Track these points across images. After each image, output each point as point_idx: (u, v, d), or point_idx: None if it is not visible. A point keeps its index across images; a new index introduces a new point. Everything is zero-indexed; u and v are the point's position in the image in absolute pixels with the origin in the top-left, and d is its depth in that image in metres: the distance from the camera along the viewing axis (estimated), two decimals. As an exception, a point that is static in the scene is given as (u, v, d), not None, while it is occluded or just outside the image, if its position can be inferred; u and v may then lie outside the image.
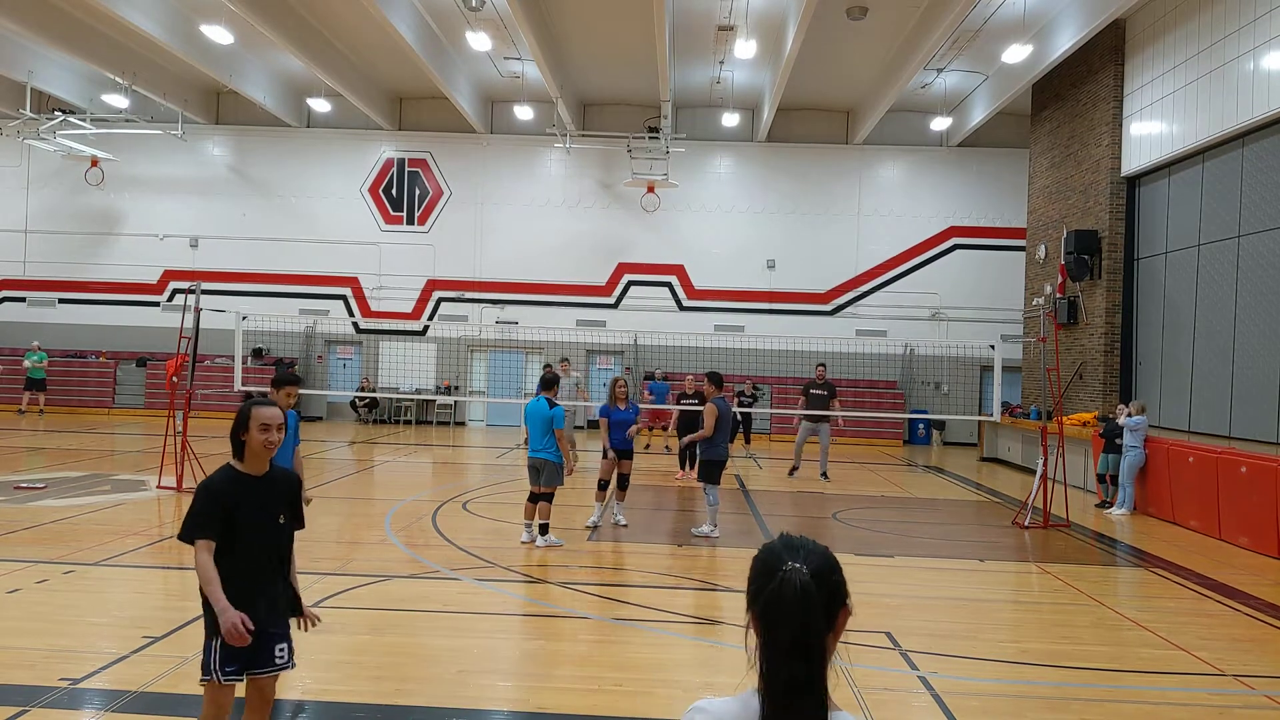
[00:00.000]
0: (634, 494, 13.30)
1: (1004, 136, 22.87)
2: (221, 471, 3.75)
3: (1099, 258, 16.41)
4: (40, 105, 22.03)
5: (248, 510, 3.66)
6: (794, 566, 1.70)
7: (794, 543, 1.78)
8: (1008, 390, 20.69)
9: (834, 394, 15.49)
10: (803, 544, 1.77)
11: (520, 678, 5.65)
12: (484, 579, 7.91)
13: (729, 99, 22.42)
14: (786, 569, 1.70)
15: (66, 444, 16.81)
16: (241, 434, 3.71)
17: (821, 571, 1.72)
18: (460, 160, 24.20)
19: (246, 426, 3.70)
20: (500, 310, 23.98)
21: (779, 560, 1.73)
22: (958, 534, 11.12)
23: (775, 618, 1.68)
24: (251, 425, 3.69)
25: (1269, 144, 12.72)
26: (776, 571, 1.71)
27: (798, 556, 1.72)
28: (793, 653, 1.66)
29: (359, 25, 18.36)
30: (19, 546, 8.35)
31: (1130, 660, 6.31)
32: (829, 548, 1.78)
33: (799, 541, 1.78)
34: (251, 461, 3.73)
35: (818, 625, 1.68)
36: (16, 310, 24.57)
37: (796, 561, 1.71)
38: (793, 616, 1.67)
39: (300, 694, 5.21)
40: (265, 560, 3.74)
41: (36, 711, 4.72)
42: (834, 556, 1.77)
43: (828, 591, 1.71)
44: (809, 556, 1.73)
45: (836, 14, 16.92)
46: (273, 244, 24.21)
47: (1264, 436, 12.46)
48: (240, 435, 3.71)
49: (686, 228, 23.96)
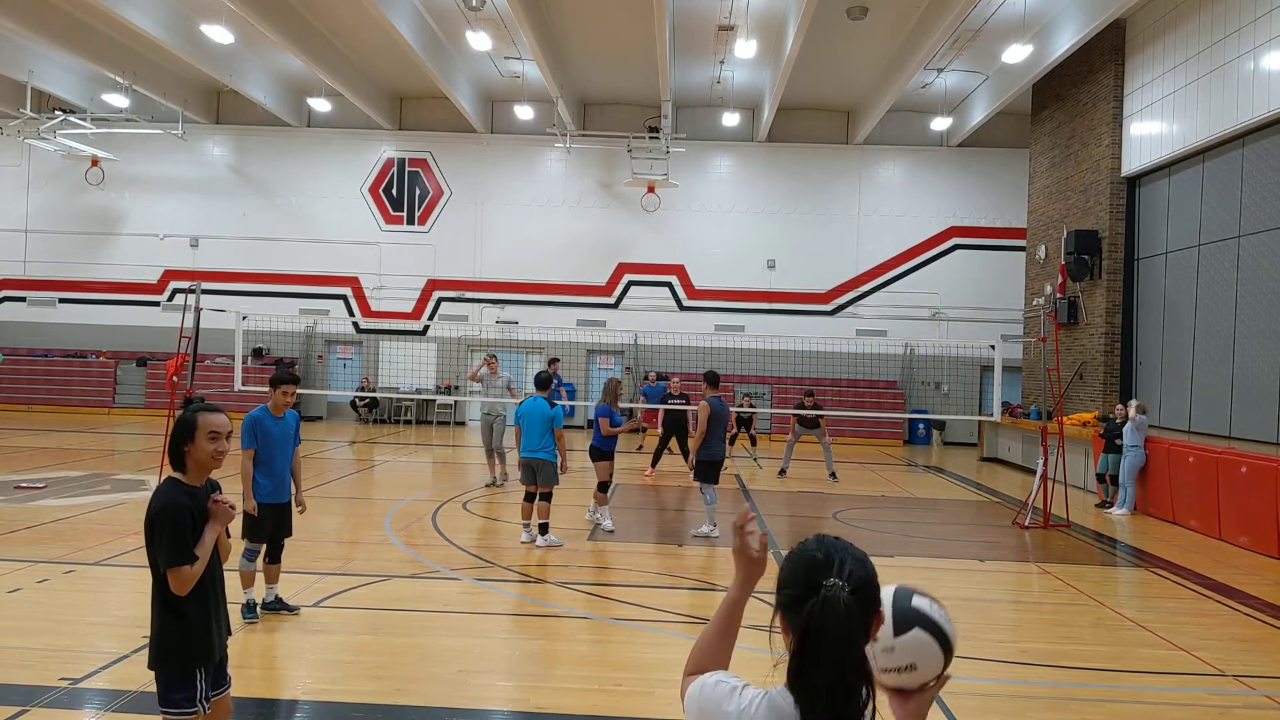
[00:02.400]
0: (634, 494, 13.31)
1: (1004, 136, 22.86)
2: (170, 487, 3.40)
3: (1099, 258, 16.41)
4: (40, 105, 22.04)
5: (199, 527, 3.39)
6: (837, 584, 1.69)
7: (833, 552, 1.75)
8: (1008, 390, 20.69)
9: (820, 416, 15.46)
10: (842, 553, 1.75)
11: (520, 678, 5.65)
12: (484, 579, 7.91)
13: (729, 99, 22.42)
14: (829, 586, 1.68)
15: (66, 444, 16.81)
16: (186, 444, 3.39)
17: (861, 588, 1.71)
18: (460, 160, 24.20)
19: (193, 436, 3.38)
20: (500, 310, 23.98)
21: (820, 573, 1.71)
22: (958, 534, 11.12)
23: (817, 635, 1.66)
24: (199, 434, 3.38)
25: (1269, 144, 12.72)
26: (818, 586, 1.69)
27: (841, 571, 1.71)
28: (835, 666, 1.66)
29: (359, 25, 18.36)
30: (19, 546, 8.35)
31: (1130, 660, 6.31)
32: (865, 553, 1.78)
33: (838, 550, 1.76)
34: (196, 473, 3.43)
35: (859, 641, 1.68)
36: (16, 310, 24.58)
37: (839, 578, 1.70)
38: (837, 638, 1.66)
39: (300, 694, 5.21)
40: (219, 574, 3.53)
41: (36, 711, 4.73)
42: (871, 564, 1.76)
43: (869, 606, 1.73)
44: (852, 570, 1.72)
45: (836, 14, 16.91)
46: (273, 244, 24.21)
47: (1264, 436, 12.46)
48: (184, 445, 3.39)
49: (686, 228, 23.96)
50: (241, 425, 6.23)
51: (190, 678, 3.39)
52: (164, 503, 3.35)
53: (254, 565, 6.41)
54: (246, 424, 6.39)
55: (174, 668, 3.38)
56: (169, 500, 3.35)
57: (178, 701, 3.36)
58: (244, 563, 6.36)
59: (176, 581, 3.32)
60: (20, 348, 24.12)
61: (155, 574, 3.39)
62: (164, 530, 3.31)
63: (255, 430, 6.39)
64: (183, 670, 3.39)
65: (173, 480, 3.43)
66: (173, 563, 3.32)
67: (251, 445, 6.37)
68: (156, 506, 3.35)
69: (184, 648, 3.38)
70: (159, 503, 3.35)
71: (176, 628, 3.38)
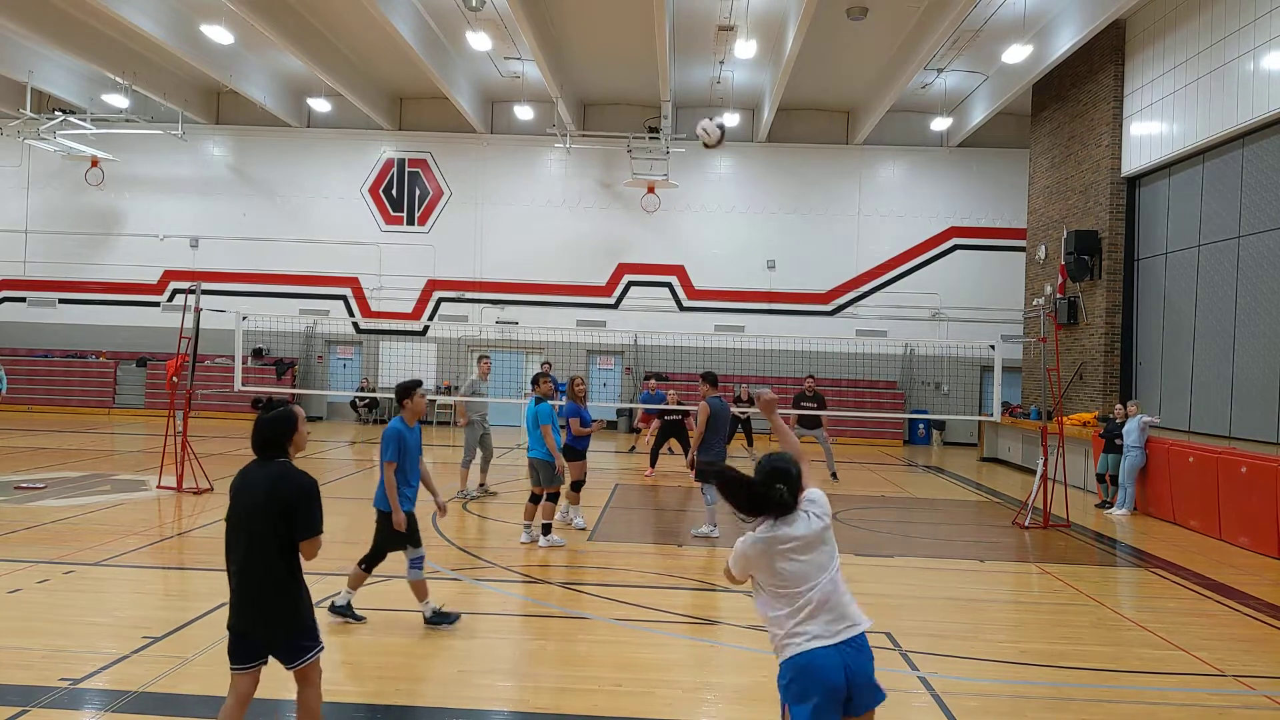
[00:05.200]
0: (633, 494, 13.31)
1: (1004, 136, 22.87)
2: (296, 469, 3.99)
3: (1099, 258, 16.41)
4: (40, 105, 22.04)
5: None
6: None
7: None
8: (1008, 390, 20.70)
9: (823, 404, 15.47)
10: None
11: (520, 678, 5.65)
12: (484, 579, 7.91)
13: (729, 99, 22.42)
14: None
15: (66, 444, 16.81)
16: (292, 434, 4.02)
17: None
18: (460, 160, 24.21)
19: (296, 426, 4.03)
20: (500, 310, 23.98)
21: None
22: (958, 534, 11.12)
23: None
24: (300, 424, 4.05)
25: (1269, 144, 12.72)
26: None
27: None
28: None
29: (359, 25, 18.37)
30: (19, 546, 8.36)
31: (1130, 660, 6.31)
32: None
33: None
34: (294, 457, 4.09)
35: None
36: (16, 310, 24.58)
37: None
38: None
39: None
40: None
41: (36, 711, 4.73)
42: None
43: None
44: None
45: (836, 14, 16.92)
46: (273, 244, 24.22)
47: (1264, 436, 12.46)
48: (290, 435, 4.02)
49: (686, 228, 23.96)
50: (383, 438, 6.30)
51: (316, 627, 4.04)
52: (310, 481, 3.94)
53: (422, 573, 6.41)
54: (390, 436, 6.33)
55: (309, 619, 3.98)
56: (310, 479, 3.94)
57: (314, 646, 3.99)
58: (416, 573, 6.35)
59: (313, 548, 3.93)
60: (20, 348, 24.14)
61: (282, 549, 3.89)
62: (317, 503, 3.93)
63: (399, 443, 6.34)
64: (312, 620, 3.99)
65: (291, 464, 4.01)
66: (320, 531, 3.94)
67: (394, 458, 6.32)
68: (307, 484, 3.92)
69: (309, 604, 3.99)
70: (307, 481, 3.93)
71: (304, 592, 3.98)
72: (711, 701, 5.30)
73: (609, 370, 24.16)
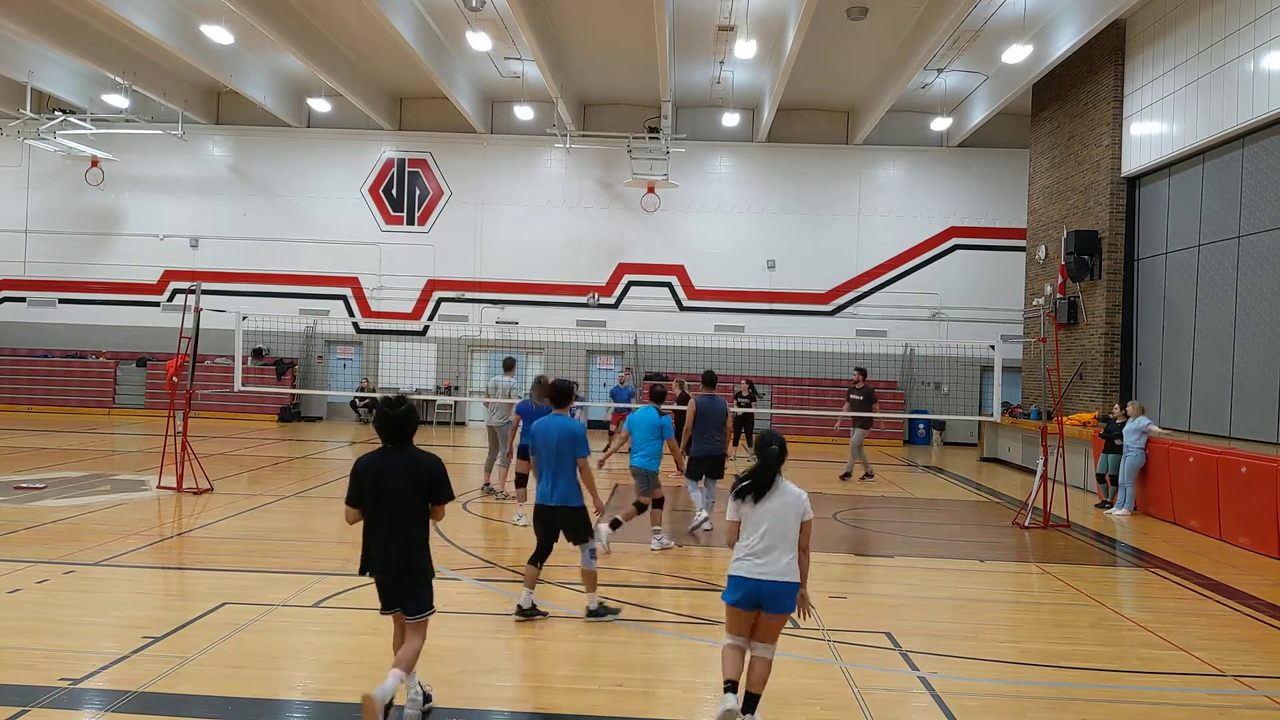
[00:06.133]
0: (633, 495, 13.27)
1: (1004, 136, 22.87)
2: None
3: (1099, 258, 16.41)
4: (40, 105, 22.04)
5: None
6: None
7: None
8: (1008, 390, 20.70)
9: (872, 398, 15.55)
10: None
11: (520, 678, 5.65)
12: (484, 579, 7.91)
13: (729, 99, 22.42)
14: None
15: (67, 444, 16.81)
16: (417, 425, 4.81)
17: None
18: (460, 160, 24.20)
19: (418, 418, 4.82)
20: (500, 310, 23.98)
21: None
22: (958, 534, 11.12)
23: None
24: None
25: (1269, 144, 12.73)
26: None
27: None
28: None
29: (359, 25, 18.37)
30: (19, 546, 8.35)
31: (1130, 660, 6.31)
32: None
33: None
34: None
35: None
36: (16, 310, 24.58)
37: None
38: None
39: (300, 694, 5.22)
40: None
41: (36, 711, 4.73)
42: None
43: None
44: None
45: (836, 14, 16.92)
46: (273, 244, 24.22)
47: (1264, 437, 12.47)
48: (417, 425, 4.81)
49: (686, 228, 23.96)
50: (580, 433, 6.73)
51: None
52: (439, 460, 4.80)
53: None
54: (583, 432, 6.75)
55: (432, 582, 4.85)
56: (438, 458, 4.80)
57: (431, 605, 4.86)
58: (591, 562, 6.79)
59: (443, 511, 4.86)
60: (20, 348, 24.15)
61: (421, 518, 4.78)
62: (448, 476, 4.80)
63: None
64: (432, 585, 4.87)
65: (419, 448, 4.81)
66: (453, 497, 4.86)
67: (589, 452, 6.77)
68: (438, 463, 4.77)
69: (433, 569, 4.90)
70: (437, 460, 4.78)
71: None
72: (711, 701, 5.30)
73: (609, 370, 24.15)
